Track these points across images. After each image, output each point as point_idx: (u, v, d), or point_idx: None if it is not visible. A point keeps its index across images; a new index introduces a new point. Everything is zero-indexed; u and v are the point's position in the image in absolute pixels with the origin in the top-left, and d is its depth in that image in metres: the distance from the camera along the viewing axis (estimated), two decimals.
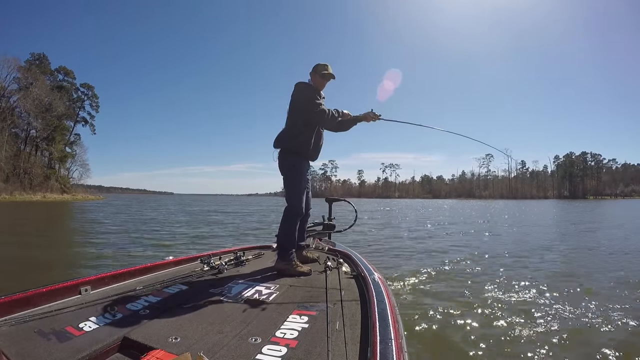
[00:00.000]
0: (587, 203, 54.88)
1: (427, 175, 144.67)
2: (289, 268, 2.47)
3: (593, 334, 3.07)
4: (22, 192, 43.46)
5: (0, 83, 45.80)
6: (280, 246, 2.61)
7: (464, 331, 3.11)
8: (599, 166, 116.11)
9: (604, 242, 9.12)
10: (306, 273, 2.45)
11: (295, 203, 2.65)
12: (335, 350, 1.30)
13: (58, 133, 53.47)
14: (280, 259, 2.55)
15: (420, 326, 3.18)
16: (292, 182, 2.68)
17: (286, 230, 2.63)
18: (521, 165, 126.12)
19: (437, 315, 3.44)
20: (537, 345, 2.83)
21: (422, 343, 2.90)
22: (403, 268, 5.70)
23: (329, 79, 2.81)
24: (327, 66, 2.77)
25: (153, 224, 13.98)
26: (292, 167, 2.70)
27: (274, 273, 2.47)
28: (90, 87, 59.91)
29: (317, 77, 2.76)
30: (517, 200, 78.49)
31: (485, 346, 2.82)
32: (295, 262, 2.53)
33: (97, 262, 6.21)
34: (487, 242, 9.38)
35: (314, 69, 2.78)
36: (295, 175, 2.69)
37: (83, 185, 62.06)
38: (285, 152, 2.72)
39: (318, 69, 2.76)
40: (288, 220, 2.66)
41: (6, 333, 1.39)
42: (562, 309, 3.65)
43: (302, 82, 2.74)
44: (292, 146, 2.68)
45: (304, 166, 2.74)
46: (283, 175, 2.74)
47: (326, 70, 2.75)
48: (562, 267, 6.05)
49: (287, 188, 2.68)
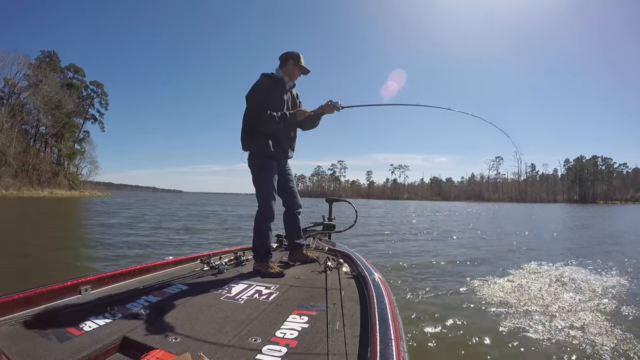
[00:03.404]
0: (604, 208, 52.82)
1: (437, 177, 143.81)
2: (261, 269, 2.48)
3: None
4: (30, 188, 43.93)
5: (11, 80, 46.39)
6: (253, 248, 2.63)
7: (465, 331, 3.10)
8: (609, 170, 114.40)
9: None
10: (277, 275, 2.42)
11: (263, 206, 2.63)
12: (335, 350, 1.29)
13: (67, 130, 54.23)
14: (254, 259, 2.59)
15: (421, 326, 3.18)
16: (259, 185, 2.65)
17: (256, 233, 2.64)
18: (531, 169, 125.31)
19: (437, 315, 3.44)
20: (541, 349, 2.77)
21: (422, 343, 2.89)
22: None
23: (306, 72, 2.77)
24: (301, 57, 2.70)
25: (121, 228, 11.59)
26: (257, 170, 2.66)
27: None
28: (100, 84, 60.83)
29: (290, 65, 2.68)
30: (527, 204, 77.38)
31: (487, 346, 2.81)
32: (268, 264, 2.51)
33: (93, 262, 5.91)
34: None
35: (288, 56, 2.68)
36: (261, 178, 2.64)
37: (92, 182, 62.87)
38: (250, 155, 2.68)
39: (295, 56, 2.67)
40: (257, 223, 2.66)
41: (6, 333, 1.39)
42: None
43: (264, 74, 2.67)
44: (254, 148, 2.64)
45: (271, 167, 2.66)
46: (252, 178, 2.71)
47: (301, 62, 2.69)
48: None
49: (256, 191, 2.66)
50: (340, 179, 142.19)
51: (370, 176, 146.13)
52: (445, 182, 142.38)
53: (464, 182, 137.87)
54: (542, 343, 2.89)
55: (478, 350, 2.78)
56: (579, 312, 3.61)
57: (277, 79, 2.66)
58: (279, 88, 2.65)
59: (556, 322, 3.30)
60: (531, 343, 2.89)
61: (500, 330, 3.14)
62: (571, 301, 3.97)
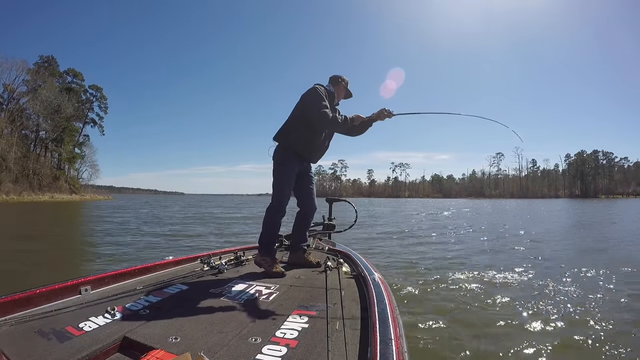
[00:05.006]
0: (611, 202, 51.99)
1: (438, 175, 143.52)
2: (264, 264, 2.47)
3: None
4: (30, 192, 43.96)
5: (10, 85, 46.40)
6: (259, 240, 2.64)
7: (466, 331, 3.07)
8: (611, 165, 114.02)
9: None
10: (278, 274, 2.41)
11: (277, 199, 2.64)
12: (335, 350, 1.29)
13: (67, 134, 54.30)
14: (258, 253, 2.58)
15: (421, 326, 3.16)
16: (277, 178, 2.66)
17: (266, 225, 2.65)
18: (532, 164, 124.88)
19: (438, 315, 3.41)
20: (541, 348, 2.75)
21: (423, 343, 2.87)
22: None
23: (349, 96, 2.95)
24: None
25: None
26: (279, 163, 2.67)
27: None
28: (99, 88, 60.84)
29: (341, 87, 2.86)
30: (528, 200, 77.03)
31: (488, 347, 2.79)
32: (273, 261, 2.50)
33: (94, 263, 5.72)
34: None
35: (340, 79, 2.85)
36: (281, 172, 2.66)
37: (93, 186, 62.96)
38: (279, 147, 2.71)
39: (345, 81, 2.87)
40: (268, 215, 2.67)
41: (6, 333, 1.39)
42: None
43: (320, 84, 2.75)
44: (285, 141, 2.67)
45: (294, 164, 2.68)
46: (273, 169, 2.72)
47: (348, 85, 2.90)
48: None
49: (273, 184, 2.67)
50: (341, 178, 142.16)
51: (371, 175, 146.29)
52: (447, 179, 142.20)
53: (465, 179, 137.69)
54: (547, 343, 2.83)
55: (479, 350, 2.75)
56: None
57: (331, 92, 2.78)
58: (331, 101, 2.73)
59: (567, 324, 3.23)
60: (536, 343, 2.83)
61: (503, 331, 3.08)
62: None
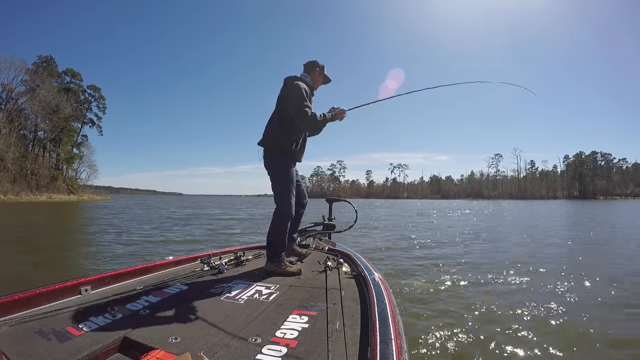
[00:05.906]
0: (611, 203, 51.75)
1: (436, 176, 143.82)
2: (278, 269, 2.43)
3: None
4: (28, 192, 43.80)
5: (8, 85, 46.27)
6: (269, 248, 2.55)
7: (466, 331, 3.05)
8: (609, 166, 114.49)
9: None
10: (295, 273, 2.40)
11: (285, 206, 2.57)
12: (335, 350, 1.29)
13: (65, 134, 54.13)
14: (269, 260, 2.51)
15: (421, 326, 3.15)
16: (281, 183, 2.60)
17: (276, 233, 2.56)
18: (530, 165, 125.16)
19: (438, 315, 3.41)
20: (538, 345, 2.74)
21: (423, 343, 2.86)
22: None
23: (327, 81, 2.83)
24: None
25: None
26: (280, 168, 2.61)
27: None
28: (97, 88, 60.75)
29: (317, 75, 2.73)
30: (526, 201, 77.14)
31: (488, 346, 2.78)
32: (285, 263, 2.48)
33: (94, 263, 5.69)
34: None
35: (315, 65, 2.73)
36: (284, 176, 2.60)
37: (91, 186, 62.76)
38: (272, 151, 2.63)
39: (320, 66, 2.73)
40: (277, 222, 2.58)
41: (6, 333, 1.39)
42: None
43: (294, 78, 2.65)
44: (280, 146, 2.58)
45: (292, 166, 2.65)
46: (270, 176, 2.66)
47: (325, 72, 2.76)
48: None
49: (276, 190, 2.61)
50: (339, 179, 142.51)
51: (369, 176, 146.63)
52: (445, 180, 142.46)
53: (464, 180, 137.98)
54: (549, 343, 2.83)
55: (479, 350, 2.75)
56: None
57: (310, 85, 2.67)
58: (310, 93, 2.65)
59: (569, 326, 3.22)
60: (537, 343, 2.83)
61: (504, 331, 3.08)
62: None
